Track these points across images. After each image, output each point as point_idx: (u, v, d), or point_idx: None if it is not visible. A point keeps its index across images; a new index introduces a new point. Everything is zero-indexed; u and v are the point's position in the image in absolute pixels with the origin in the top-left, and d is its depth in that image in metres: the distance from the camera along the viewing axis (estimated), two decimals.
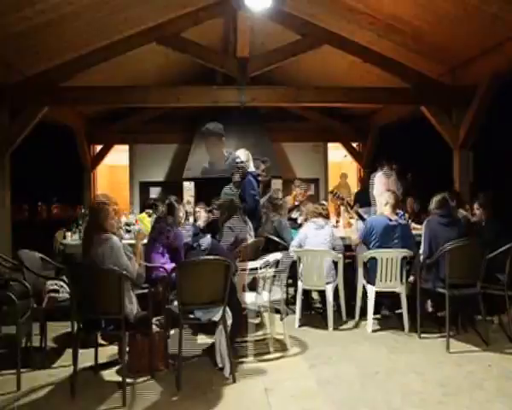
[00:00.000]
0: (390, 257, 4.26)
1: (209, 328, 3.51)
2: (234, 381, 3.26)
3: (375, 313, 4.39)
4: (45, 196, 10.08)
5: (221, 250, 3.83)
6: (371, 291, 4.29)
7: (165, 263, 4.14)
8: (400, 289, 4.29)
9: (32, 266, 3.92)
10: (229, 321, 3.38)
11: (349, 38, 6.19)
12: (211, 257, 3.40)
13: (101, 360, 3.55)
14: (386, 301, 4.58)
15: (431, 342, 3.97)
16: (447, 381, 3.22)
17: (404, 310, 4.28)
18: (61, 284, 3.89)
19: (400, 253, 4.28)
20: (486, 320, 3.99)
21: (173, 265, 3.92)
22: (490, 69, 5.29)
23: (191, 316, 3.35)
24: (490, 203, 4.61)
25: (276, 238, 4.94)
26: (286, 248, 4.67)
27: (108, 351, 3.78)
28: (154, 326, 3.45)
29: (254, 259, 4.15)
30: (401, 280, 4.31)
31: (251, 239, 4.52)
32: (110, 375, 3.41)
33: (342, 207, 5.82)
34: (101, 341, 3.84)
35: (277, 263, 3.89)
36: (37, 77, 5.79)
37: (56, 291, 3.87)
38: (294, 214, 5.86)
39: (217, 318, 3.31)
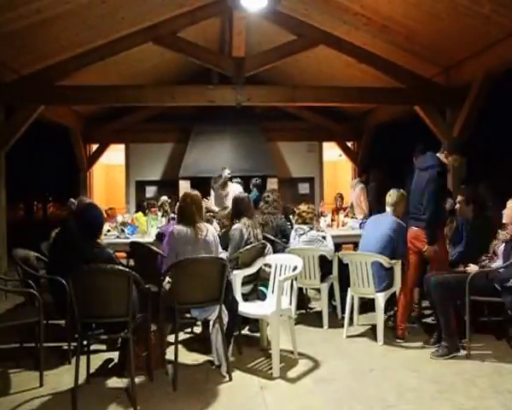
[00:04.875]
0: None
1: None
2: (230, 379, 3.28)
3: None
4: (41, 195, 10.07)
5: None
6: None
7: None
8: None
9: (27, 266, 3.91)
10: (226, 319, 3.40)
11: (344, 39, 6.23)
12: (207, 256, 3.39)
13: (95, 364, 3.53)
14: None
15: (425, 340, 4.01)
16: (441, 378, 3.25)
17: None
18: None
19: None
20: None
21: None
22: (483, 69, 5.35)
23: (188, 315, 3.35)
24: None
25: (275, 239, 4.89)
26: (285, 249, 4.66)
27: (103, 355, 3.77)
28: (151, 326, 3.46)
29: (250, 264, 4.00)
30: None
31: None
32: (106, 378, 3.37)
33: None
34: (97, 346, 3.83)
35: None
36: (32, 76, 5.79)
37: None
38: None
39: (213, 316, 3.32)
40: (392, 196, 4.22)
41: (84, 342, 3.27)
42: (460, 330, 3.68)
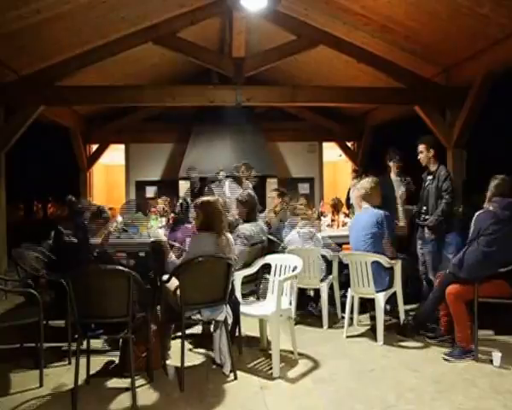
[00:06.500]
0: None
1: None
2: (235, 378, 3.29)
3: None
4: (41, 195, 10.06)
5: None
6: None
7: None
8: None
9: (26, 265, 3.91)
10: (230, 320, 3.39)
11: (344, 39, 6.23)
12: (212, 255, 3.36)
13: (95, 364, 3.51)
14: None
15: (424, 340, 4.01)
16: (441, 378, 3.26)
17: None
18: None
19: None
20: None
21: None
22: (483, 70, 5.35)
23: (194, 317, 3.32)
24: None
25: (273, 238, 4.90)
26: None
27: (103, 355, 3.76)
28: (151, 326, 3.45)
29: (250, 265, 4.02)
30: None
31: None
32: (106, 378, 3.37)
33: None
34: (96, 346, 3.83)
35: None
36: (32, 76, 5.79)
37: None
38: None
39: (221, 317, 3.29)
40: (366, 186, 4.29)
41: (84, 343, 3.26)
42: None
